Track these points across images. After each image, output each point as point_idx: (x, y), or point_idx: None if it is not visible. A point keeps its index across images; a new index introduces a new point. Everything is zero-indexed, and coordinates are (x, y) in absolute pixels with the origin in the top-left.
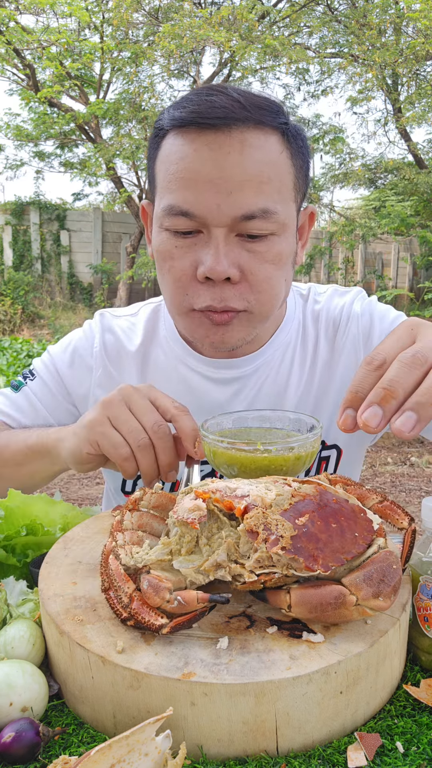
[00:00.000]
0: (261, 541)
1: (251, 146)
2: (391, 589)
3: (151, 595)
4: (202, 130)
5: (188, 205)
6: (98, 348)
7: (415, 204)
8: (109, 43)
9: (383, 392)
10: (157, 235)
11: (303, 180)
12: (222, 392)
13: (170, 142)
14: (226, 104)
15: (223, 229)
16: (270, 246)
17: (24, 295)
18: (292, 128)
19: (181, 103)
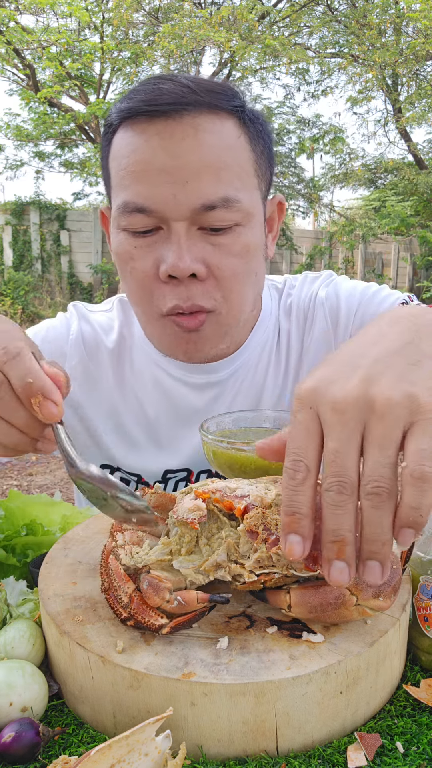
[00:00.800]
0: (261, 541)
1: (205, 131)
2: (391, 589)
3: (151, 595)
4: (151, 118)
5: (143, 200)
6: (75, 336)
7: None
8: (109, 43)
9: (335, 546)
10: (115, 236)
11: (266, 166)
12: (199, 398)
13: (120, 137)
14: (175, 90)
15: (183, 223)
16: (235, 238)
17: (24, 295)
18: (248, 112)
19: (129, 95)
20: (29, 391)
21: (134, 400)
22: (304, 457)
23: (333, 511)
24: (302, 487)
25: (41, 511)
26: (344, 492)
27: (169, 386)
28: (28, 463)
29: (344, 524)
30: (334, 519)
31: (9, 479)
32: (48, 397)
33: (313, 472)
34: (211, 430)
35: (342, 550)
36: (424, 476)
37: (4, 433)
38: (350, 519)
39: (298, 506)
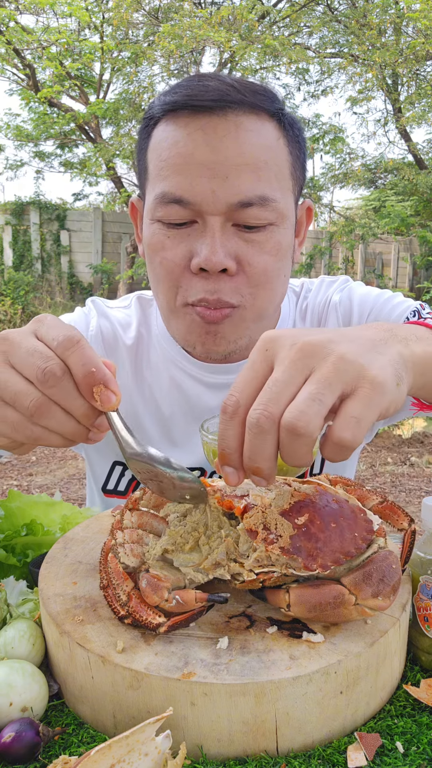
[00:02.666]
0: (260, 540)
1: (247, 130)
2: (391, 589)
3: (149, 593)
4: (195, 113)
5: (182, 191)
6: (94, 331)
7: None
8: (109, 43)
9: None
10: (148, 227)
11: (300, 171)
12: (215, 398)
13: (161, 129)
14: (220, 87)
15: (219, 218)
16: (269, 236)
17: (24, 295)
18: (287, 116)
19: (173, 89)
20: (92, 381)
21: (150, 398)
22: (240, 393)
23: (251, 439)
24: (231, 422)
25: (41, 511)
26: (264, 423)
27: (185, 385)
28: (28, 463)
29: (261, 453)
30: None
31: (9, 479)
32: (108, 387)
33: (242, 408)
34: (211, 430)
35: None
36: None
37: (62, 422)
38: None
39: (226, 441)
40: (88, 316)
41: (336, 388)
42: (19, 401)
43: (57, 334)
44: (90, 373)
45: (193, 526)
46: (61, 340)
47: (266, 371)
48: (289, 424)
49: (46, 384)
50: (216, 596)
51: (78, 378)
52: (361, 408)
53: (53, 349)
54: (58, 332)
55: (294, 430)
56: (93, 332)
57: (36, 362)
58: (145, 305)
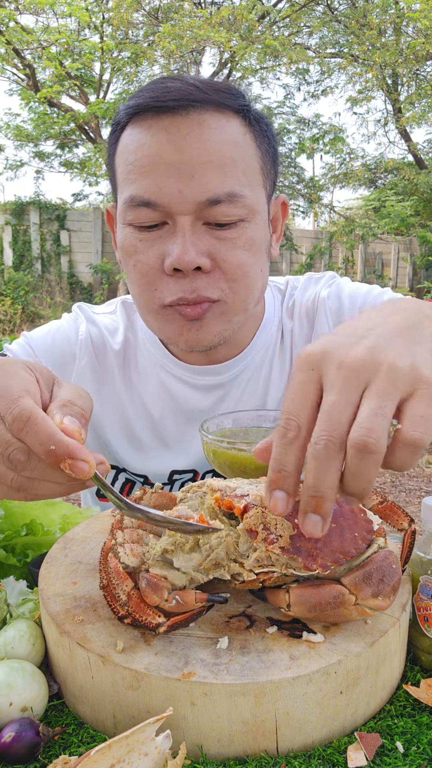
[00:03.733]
0: (260, 540)
1: (211, 127)
2: (391, 589)
3: (149, 593)
4: (158, 114)
5: (149, 194)
6: (84, 336)
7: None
8: (109, 43)
9: (313, 500)
10: (120, 232)
11: (271, 165)
12: (204, 399)
13: (127, 134)
14: (182, 88)
15: (188, 217)
16: (240, 232)
17: (24, 295)
18: (253, 112)
19: (137, 93)
20: (55, 458)
21: (140, 402)
22: (297, 416)
23: (317, 465)
24: (291, 446)
25: (41, 511)
26: (332, 446)
27: (174, 388)
28: None
29: (326, 480)
30: (317, 473)
31: None
32: (75, 457)
33: (304, 431)
34: (211, 430)
35: (320, 505)
36: (417, 441)
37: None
38: (333, 475)
39: (285, 464)
40: (77, 322)
41: (395, 398)
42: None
43: (4, 409)
44: (50, 452)
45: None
46: (10, 422)
47: (317, 391)
48: (359, 443)
49: (17, 469)
50: (216, 596)
51: (42, 458)
52: (425, 407)
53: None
54: (5, 406)
55: (365, 447)
56: (83, 338)
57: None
58: (130, 310)
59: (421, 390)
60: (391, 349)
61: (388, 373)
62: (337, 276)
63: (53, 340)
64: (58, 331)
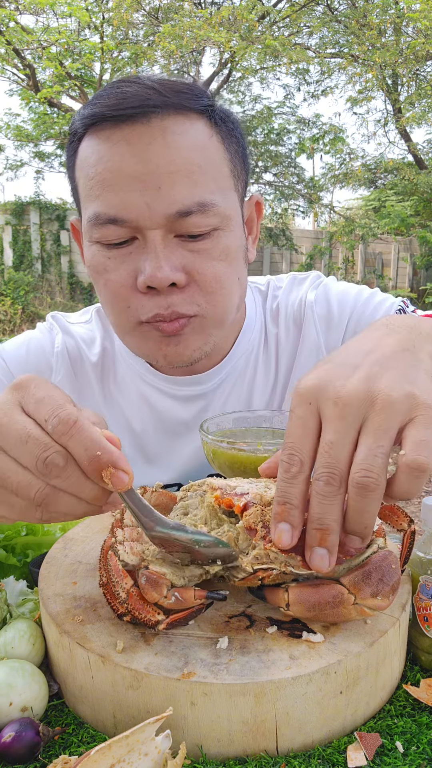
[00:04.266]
0: (259, 538)
1: (174, 133)
2: (390, 589)
3: (148, 590)
4: (117, 124)
5: (115, 210)
6: (60, 348)
7: (415, 204)
8: (109, 43)
9: (318, 533)
10: (87, 249)
11: (241, 166)
12: (186, 410)
13: (85, 145)
14: (141, 93)
15: (158, 231)
16: (215, 242)
17: (24, 295)
18: (218, 111)
19: (92, 101)
20: (99, 465)
21: (120, 415)
22: (299, 451)
23: (320, 500)
24: (295, 480)
25: None
26: (333, 483)
27: (154, 400)
28: None
29: (329, 514)
30: (320, 508)
31: None
32: (119, 467)
33: (306, 466)
34: (211, 430)
35: (324, 538)
36: (421, 466)
37: (72, 506)
38: (336, 509)
39: (289, 497)
40: (53, 333)
41: (393, 431)
42: (23, 492)
43: (48, 412)
44: (95, 457)
45: (193, 524)
46: (55, 424)
47: (316, 424)
48: (359, 483)
49: (49, 475)
50: (215, 593)
51: (83, 464)
52: (424, 431)
53: (49, 433)
54: (50, 410)
55: (366, 487)
56: (59, 349)
57: (33, 451)
58: (104, 319)
59: (420, 415)
60: (386, 377)
61: (384, 407)
62: (322, 276)
63: (27, 352)
64: (32, 342)
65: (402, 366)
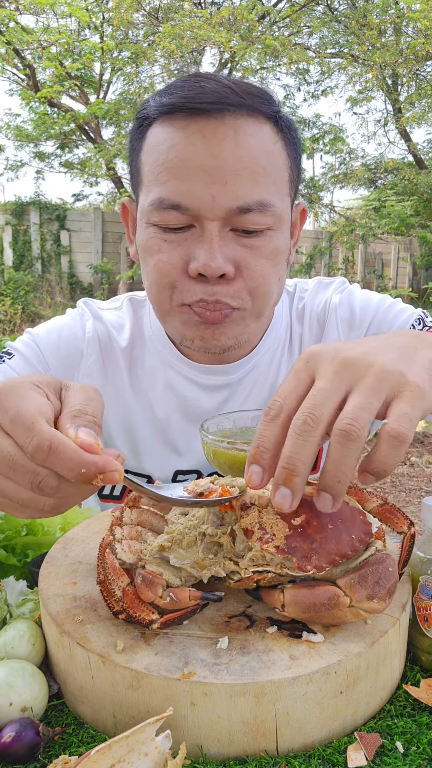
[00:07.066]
0: (255, 539)
1: (246, 133)
2: (386, 592)
3: (144, 590)
4: (192, 116)
5: (180, 197)
6: (91, 333)
7: (415, 204)
8: (109, 43)
9: (284, 472)
10: (143, 230)
11: (296, 174)
12: (210, 399)
13: (157, 131)
14: (218, 89)
15: (217, 223)
16: (267, 241)
17: (24, 295)
18: (284, 118)
19: (169, 90)
20: (86, 479)
21: (145, 401)
22: (283, 399)
23: (294, 440)
24: (272, 423)
25: None
26: (310, 423)
27: (180, 387)
28: None
29: (301, 455)
30: (293, 447)
31: None
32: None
33: (285, 411)
34: (211, 430)
35: (290, 478)
36: (401, 436)
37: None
38: (308, 451)
39: (263, 440)
40: (83, 319)
41: (381, 396)
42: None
43: (22, 438)
44: (81, 475)
45: (191, 524)
46: (32, 452)
47: (308, 381)
48: (342, 429)
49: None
50: (210, 594)
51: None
52: (408, 407)
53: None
54: (22, 435)
55: (348, 435)
56: (90, 335)
57: (24, 477)
58: (137, 306)
59: (406, 392)
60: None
61: (377, 373)
62: (347, 282)
63: (59, 338)
64: (63, 328)
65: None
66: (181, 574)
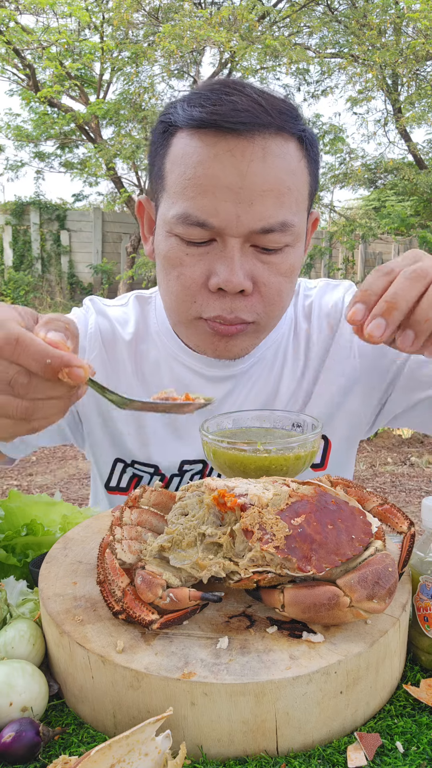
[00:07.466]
0: (255, 540)
1: (273, 154)
2: (386, 592)
3: (144, 590)
4: (222, 133)
5: (206, 216)
6: (93, 329)
7: (415, 204)
8: (109, 43)
9: (386, 305)
10: (164, 240)
11: (315, 187)
12: (215, 390)
13: (185, 142)
14: (249, 107)
15: (239, 240)
16: (284, 258)
17: (24, 295)
18: (308, 135)
19: (197, 101)
20: (52, 371)
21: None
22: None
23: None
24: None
25: (41, 511)
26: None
27: (186, 379)
28: (28, 463)
29: (405, 295)
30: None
31: (9, 479)
32: (72, 365)
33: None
34: (211, 430)
35: (390, 311)
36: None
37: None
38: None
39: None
40: (87, 315)
41: None
42: (5, 411)
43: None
44: (47, 366)
45: (191, 524)
46: (1, 346)
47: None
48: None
49: (21, 393)
50: (209, 595)
51: (39, 374)
52: None
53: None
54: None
55: None
56: (92, 330)
57: None
58: (143, 303)
59: None
60: None
61: None
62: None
63: None
64: None
65: None
66: (180, 574)
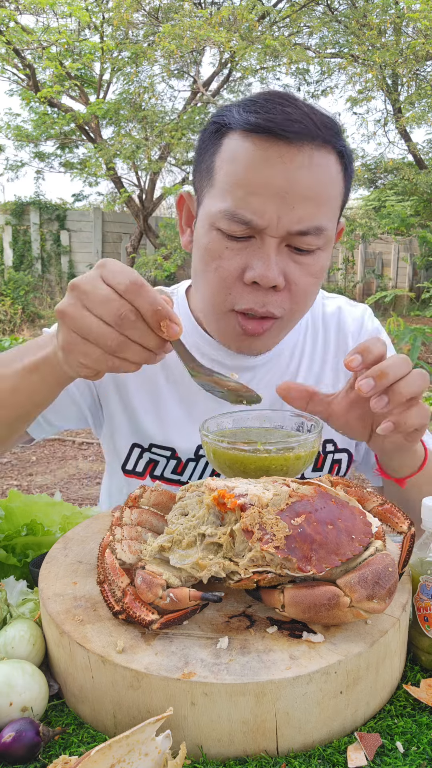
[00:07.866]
0: (255, 540)
1: (318, 165)
2: (386, 592)
3: (144, 590)
4: (275, 139)
5: (252, 215)
6: None
7: (415, 204)
8: (109, 43)
9: (380, 372)
10: (206, 233)
11: (346, 198)
12: None
13: (238, 144)
14: (301, 119)
15: (276, 239)
16: (315, 260)
17: (24, 295)
18: (348, 151)
19: (252, 107)
20: (158, 317)
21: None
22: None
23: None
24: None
25: (41, 511)
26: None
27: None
28: (28, 463)
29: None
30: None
31: (9, 479)
32: (172, 320)
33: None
34: (211, 430)
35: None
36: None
37: (137, 353)
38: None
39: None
40: None
41: None
42: (102, 342)
43: (122, 279)
44: (156, 311)
45: (191, 524)
46: (127, 284)
47: None
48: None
49: (123, 327)
50: (209, 595)
51: (147, 316)
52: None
53: (122, 294)
54: (123, 277)
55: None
56: None
57: (111, 309)
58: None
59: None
60: None
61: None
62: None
63: None
64: None
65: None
66: (180, 574)
